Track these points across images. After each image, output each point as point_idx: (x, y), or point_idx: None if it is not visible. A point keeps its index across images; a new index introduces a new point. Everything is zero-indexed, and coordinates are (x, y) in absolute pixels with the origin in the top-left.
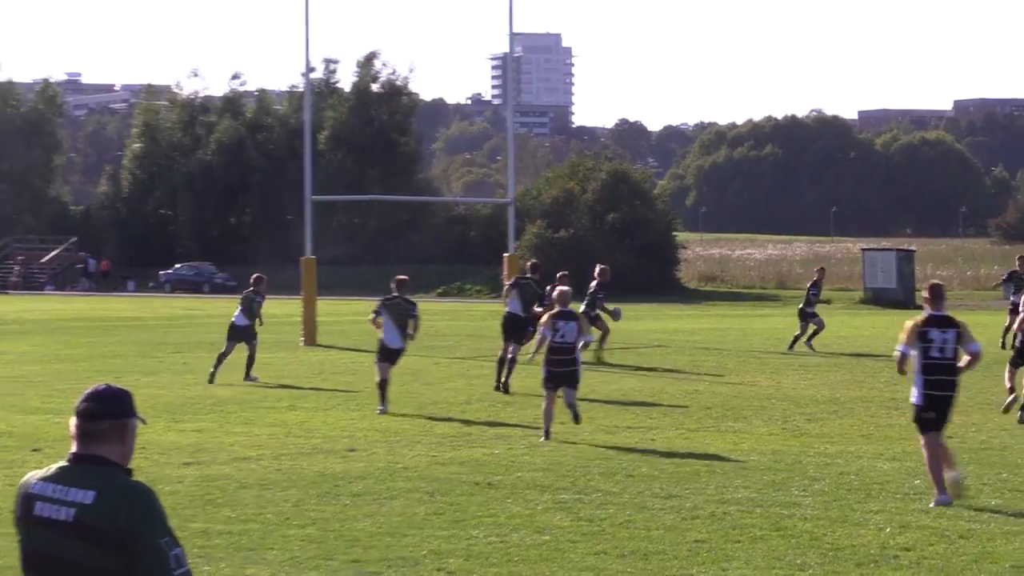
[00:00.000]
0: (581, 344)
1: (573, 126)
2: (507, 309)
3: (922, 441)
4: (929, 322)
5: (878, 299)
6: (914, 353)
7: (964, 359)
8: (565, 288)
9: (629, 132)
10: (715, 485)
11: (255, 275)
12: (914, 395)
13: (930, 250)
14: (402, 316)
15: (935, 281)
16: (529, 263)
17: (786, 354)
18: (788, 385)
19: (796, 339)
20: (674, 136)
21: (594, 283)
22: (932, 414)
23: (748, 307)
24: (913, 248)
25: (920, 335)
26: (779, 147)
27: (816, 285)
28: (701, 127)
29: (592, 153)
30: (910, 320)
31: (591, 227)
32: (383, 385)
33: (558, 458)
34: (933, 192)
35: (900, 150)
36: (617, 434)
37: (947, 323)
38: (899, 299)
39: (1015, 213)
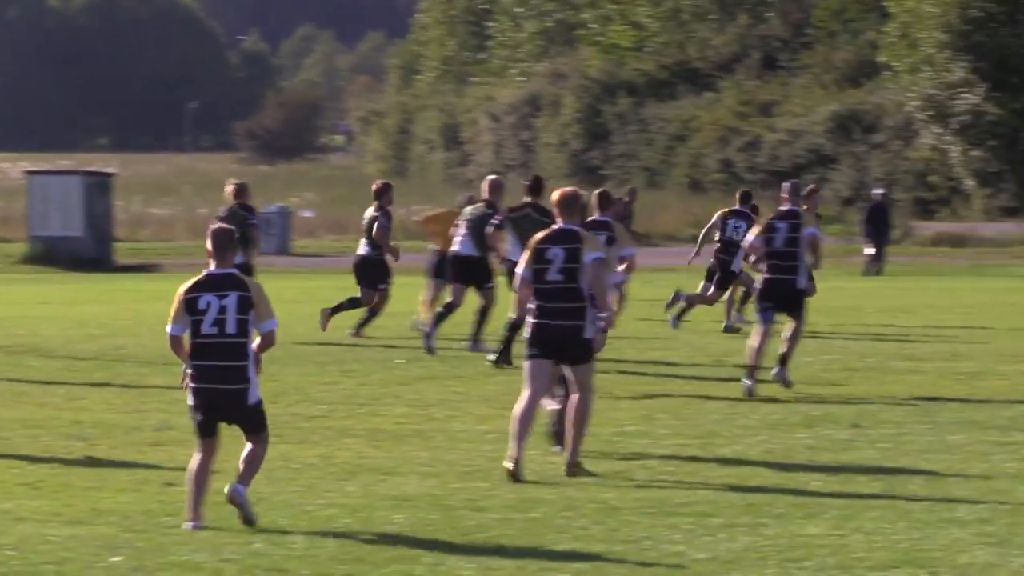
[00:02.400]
0: None
1: None
2: None
3: (197, 447)
4: (204, 285)
5: (54, 255)
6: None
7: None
8: None
9: None
10: None
11: None
12: (190, 396)
13: (140, 173)
14: None
15: (218, 225)
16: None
17: None
18: None
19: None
20: None
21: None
22: (200, 416)
23: None
24: (111, 170)
25: (188, 304)
26: None
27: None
28: None
29: None
30: (184, 285)
31: None
32: None
33: None
34: (143, 76)
35: (104, 4)
36: None
37: (227, 284)
38: (91, 255)
39: (278, 112)
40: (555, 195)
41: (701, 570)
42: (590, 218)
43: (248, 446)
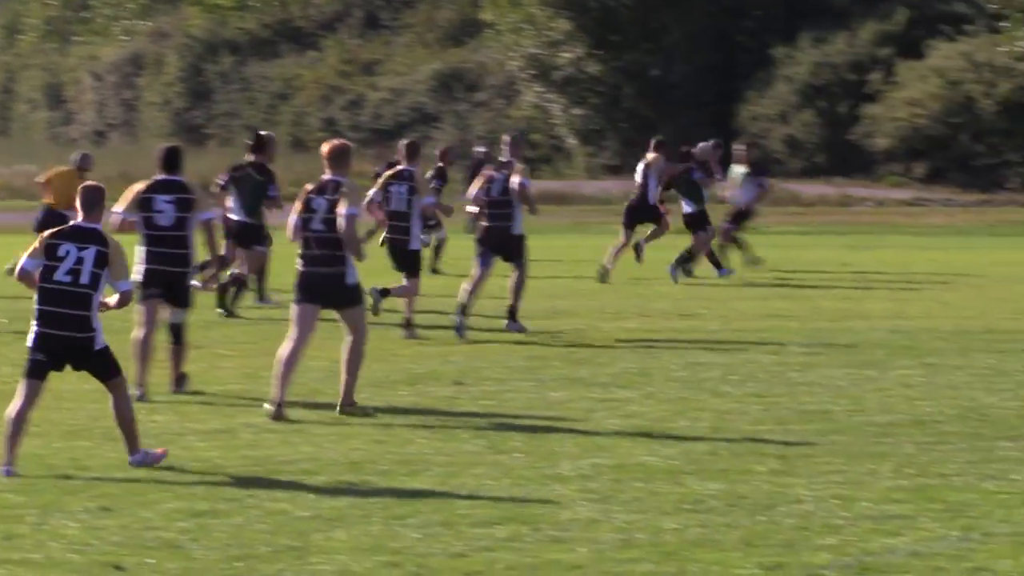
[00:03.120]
0: None
1: None
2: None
3: (20, 389)
4: (68, 235)
5: None
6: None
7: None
8: None
9: None
10: None
11: None
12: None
13: None
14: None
15: (90, 182)
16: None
17: None
18: None
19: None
20: None
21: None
22: (40, 356)
23: None
24: None
25: (47, 249)
26: None
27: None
28: None
29: None
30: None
31: None
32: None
33: None
34: None
35: None
36: None
37: (90, 237)
38: None
39: None
40: (324, 147)
41: (304, 528)
42: (398, 167)
43: (111, 402)
